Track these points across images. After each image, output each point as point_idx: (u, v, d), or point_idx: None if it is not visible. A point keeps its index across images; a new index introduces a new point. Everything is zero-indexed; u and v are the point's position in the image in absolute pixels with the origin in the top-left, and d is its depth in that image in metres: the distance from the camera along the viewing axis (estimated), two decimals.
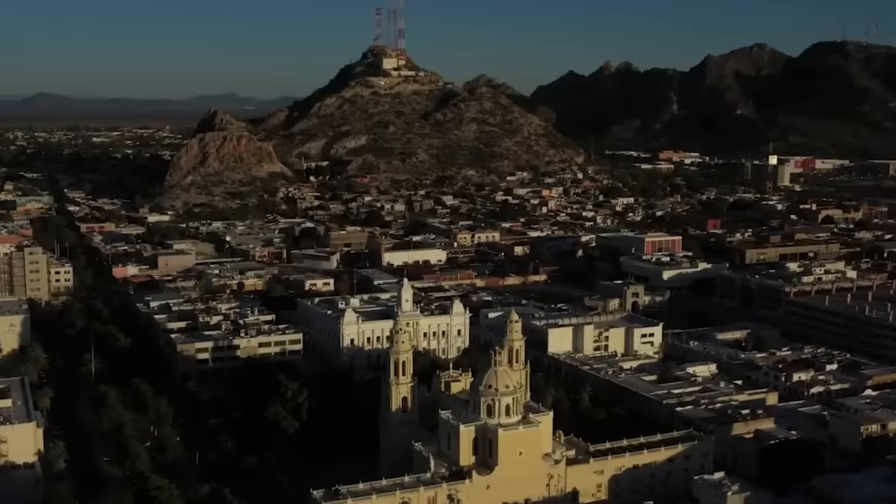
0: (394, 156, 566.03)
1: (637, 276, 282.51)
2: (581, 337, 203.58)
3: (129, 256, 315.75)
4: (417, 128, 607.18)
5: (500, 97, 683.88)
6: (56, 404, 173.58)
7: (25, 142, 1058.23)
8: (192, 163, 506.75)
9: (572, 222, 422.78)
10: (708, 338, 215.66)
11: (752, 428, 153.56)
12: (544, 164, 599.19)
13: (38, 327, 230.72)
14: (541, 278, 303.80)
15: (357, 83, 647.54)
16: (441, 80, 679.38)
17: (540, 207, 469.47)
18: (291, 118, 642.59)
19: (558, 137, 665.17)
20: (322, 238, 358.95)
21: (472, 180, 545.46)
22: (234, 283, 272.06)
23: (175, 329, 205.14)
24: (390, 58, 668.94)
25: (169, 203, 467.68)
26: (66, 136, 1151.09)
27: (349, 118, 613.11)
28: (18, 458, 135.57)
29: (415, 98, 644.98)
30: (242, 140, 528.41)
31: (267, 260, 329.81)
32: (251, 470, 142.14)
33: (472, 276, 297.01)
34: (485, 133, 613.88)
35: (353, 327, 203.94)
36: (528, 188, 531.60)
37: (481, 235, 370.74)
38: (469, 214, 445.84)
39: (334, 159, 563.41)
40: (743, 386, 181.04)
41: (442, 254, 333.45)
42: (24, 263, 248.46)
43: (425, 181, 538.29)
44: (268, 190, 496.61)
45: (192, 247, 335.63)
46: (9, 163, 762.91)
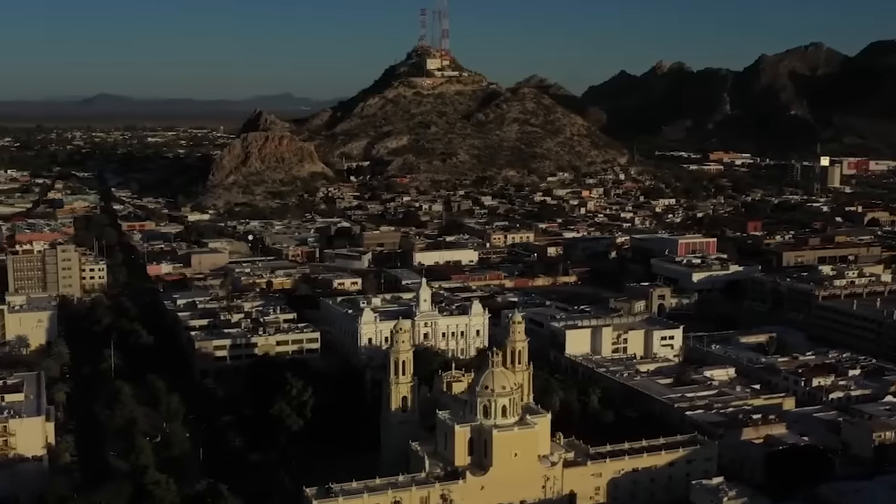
0: (434, 156, 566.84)
1: (667, 278, 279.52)
2: (599, 339, 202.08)
3: (164, 255, 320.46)
4: (459, 128, 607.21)
5: (543, 97, 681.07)
6: (74, 399, 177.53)
7: (82, 141, 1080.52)
8: (234, 162, 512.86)
9: (610, 223, 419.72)
10: (731, 341, 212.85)
11: (762, 433, 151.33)
12: (586, 164, 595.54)
13: (67, 323, 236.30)
14: (571, 279, 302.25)
15: (400, 83, 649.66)
16: (485, 80, 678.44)
17: (578, 208, 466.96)
18: (335, 118, 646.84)
19: (601, 138, 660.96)
20: (356, 238, 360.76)
21: (512, 181, 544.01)
22: (262, 281, 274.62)
23: (196, 327, 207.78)
24: (434, 58, 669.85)
25: (211, 202, 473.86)
26: (122, 136, 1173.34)
27: (391, 118, 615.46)
28: (27, 452, 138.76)
29: (457, 98, 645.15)
30: (284, 140, 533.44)
31: (300, 259, 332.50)
32: (255, 466, 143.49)
33: (501, 277, 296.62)
34: (527, 133, 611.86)
35: (371, 326, 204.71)
36: (569, 189, 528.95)
37: (515, 236, 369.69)
38: (506, 215, 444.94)
39: (375, 159, 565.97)
40: (760, 390, 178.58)
41: (474, 254, 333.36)
42: (56, 261, 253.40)
43: (465, 181, 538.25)
44: (308, 190, 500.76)
45: (226, 246, 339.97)
46: (63, 162, 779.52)
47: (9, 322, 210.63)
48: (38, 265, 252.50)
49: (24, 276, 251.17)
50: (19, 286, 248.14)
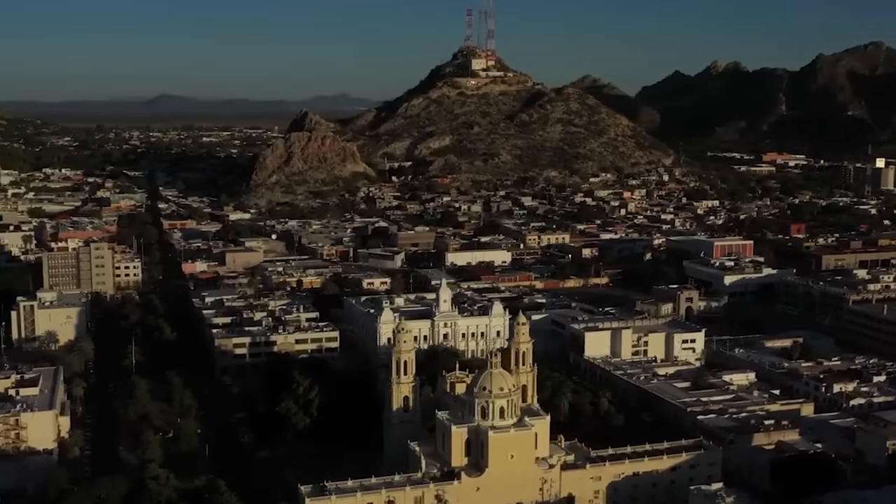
0: (476, 156, 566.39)
1: (699, 280, 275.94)
2: (619, 341, 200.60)
3: (200, 253, 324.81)
4: (502, 128, 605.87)
5: (588, 98, 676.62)
6: (92, 394, 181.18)
7: (139, 141, 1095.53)
8: (277, 162, 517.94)
9: (650, 225, 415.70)
10: (756, 345, 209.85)
11: (773, 439, 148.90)
12: (630, 165, 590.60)
13: (98, 320, 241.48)
14: (602, 281, 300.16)
15: (444, 84, 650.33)
16: (530, 80, 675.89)
17: (619, 210, 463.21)
18: (379, 118, 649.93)
19: (647, 138, 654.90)
20: (391, 238, 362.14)
21: (553, 181, 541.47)
22: (292, 280, 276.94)
23: (220, 324, 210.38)
24: (479, 58, 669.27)
25: (253, 202, 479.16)
26: (178, 136, 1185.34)
27: (435, 119, 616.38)
28: (38, 445, 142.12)
29: (501, 99, 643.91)
30: (327, 140, 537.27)
31: (334, 258, 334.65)
32: (261, 463, 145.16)
33: (532, 278, 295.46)
34: (570, 134, 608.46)
35: (391, 326, 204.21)
36: (611, 190, 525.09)
37: (550, 237, 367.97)
38: (545, 216, 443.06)
39: (418, 159, 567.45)
40: (780, 395, 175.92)
41: (507, 255, 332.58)
42: (90, 258, 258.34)
43: (506, 182, 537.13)
44: (349, 189, 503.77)
45: (261, 245, 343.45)
46: (116, 161, 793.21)
47: (39, 318, 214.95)
48: (72, 262, 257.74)
49: (59, 273, 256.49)
50: (54, 283, 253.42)
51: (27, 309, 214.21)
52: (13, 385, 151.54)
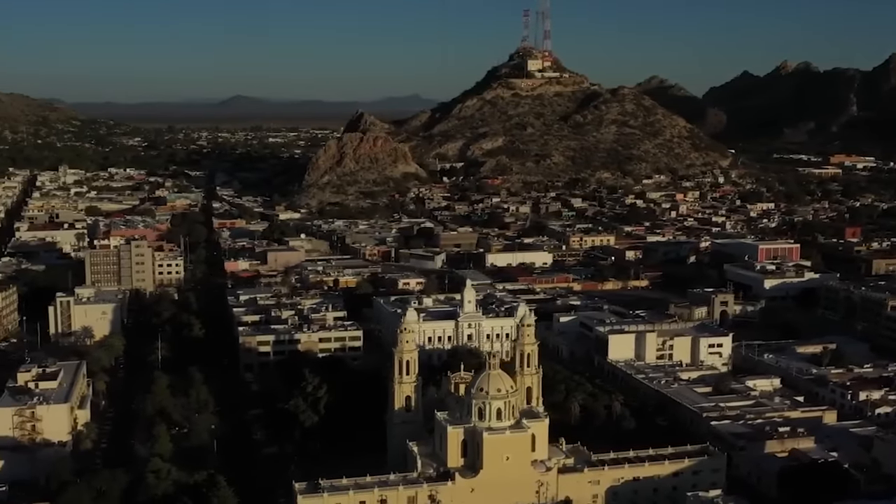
0: (528, 157, 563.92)
1: (739, 284, 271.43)
2: (643, 345, 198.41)
3: (243, 252, 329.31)
4: (556, 129, 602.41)
5: (643, 98, 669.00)
6: (118, 389, 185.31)
7: (206, 142, 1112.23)
8: (329, 163, 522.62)
9: (699, 227, 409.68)
10: (786, 351, 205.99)
11: (787, 447, 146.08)
12: (685, 167, 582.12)
13: (136, 316, 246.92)
14: (642, 284, 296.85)
15: (498, 85, 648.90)
16: (586, 81, 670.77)
17: (669, 212, 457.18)
18: (433, 119, 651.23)
19: (703, 140, 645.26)
20: (433, 238, 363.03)
21: (605, 183, 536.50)
22: (329, 279, 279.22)
23: (248, 322, 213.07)
24: (535, 59, 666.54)
25: (304, 201, 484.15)
26: (246, 137, 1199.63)
27: (488, 119, 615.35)
28: (53, 437, 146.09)
29: (556, 100, 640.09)
30: (379, 141, 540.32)
31: (376, 258, 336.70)
32: (268, 459, 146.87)
33: (570, 280, 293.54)
34: (624, 135, 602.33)
35: (414, 326, 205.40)
36: (663, 192, 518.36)
37: (595, 239, 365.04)
38: (594, 217, 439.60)
39: (470, 160, 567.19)
40: (804, 402, 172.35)
41: (548, 256, 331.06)
42: (130, 256, 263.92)
43: (557, 183, 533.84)
44: (400, 190, 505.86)
45: (306, 244, 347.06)
46: (180, 161, 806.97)
47: (75, 313, 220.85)
48: (113, 260, 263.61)
49: (101, 270, 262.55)
50: (96, 280, 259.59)
51: (64, 305, 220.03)
52: (33, 378, 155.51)
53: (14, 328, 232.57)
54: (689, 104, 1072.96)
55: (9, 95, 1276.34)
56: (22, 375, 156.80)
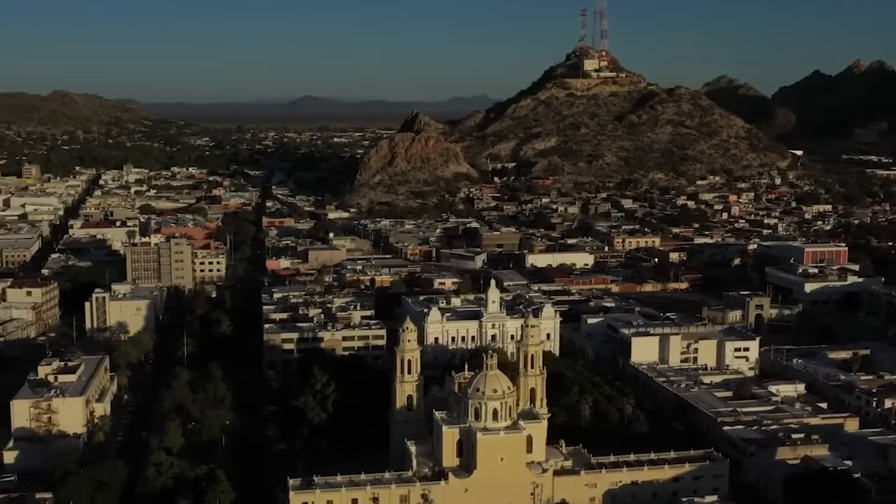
0: (581, 158, 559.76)
1: (780, 287, 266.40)
2: (667, 347, 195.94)
3: (286, 250, 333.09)
4: (610, 130, 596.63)
5: (700, 98, 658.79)
6: (145, 383, 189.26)
7: (271, 141, 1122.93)
8: (381, 163, 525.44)
9: (750, 230, 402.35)
10: (817, 356, 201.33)
11: (799, 453, 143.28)
12: (741, 168, 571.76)
13: (172, 312, 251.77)
14: (681, 286, 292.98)
15: (553, 85, 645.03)
16: (644, 81, 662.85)
17: (721, 213, 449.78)
18: (487, 119, 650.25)
19: (762, 140, 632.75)
20: (476, 238, 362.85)
21: (658, 184, 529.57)
22: (366, 279, 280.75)
23: (277, 320, 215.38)
24: (592, 59, 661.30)
25: (355, 201, 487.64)
26: (311, 137, 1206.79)
27: (542, 120, 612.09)
28: (69, 429, 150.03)
29: (611, 100, 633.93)
30: (430, 141, 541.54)
31: (417, 258, 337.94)
32: (276, 455, 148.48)
33: (608, 281, 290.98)
34: (680, 135, 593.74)
35: (438, 326, 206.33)
36: (717, 193, 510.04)
37: (640, 240, 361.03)
38: (643, 218, 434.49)
39: (522, 160, 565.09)
40: (828, 409, 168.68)
41: (589, 258, 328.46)
42: (170, 253, 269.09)
43: (608, 184, 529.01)
44: (450, 190, 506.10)
45: (349, 243, 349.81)
46: (243, 161, 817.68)
47: (111, 309, 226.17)
48: (153, 257, 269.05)
49: (141, 267, 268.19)
50: (136, 276, 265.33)
51: (99, 301, 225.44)
52: (53, 372, 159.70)
53: (55, 322, 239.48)
54: (757, 104, 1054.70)
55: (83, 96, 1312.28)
56: (42, 368, 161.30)
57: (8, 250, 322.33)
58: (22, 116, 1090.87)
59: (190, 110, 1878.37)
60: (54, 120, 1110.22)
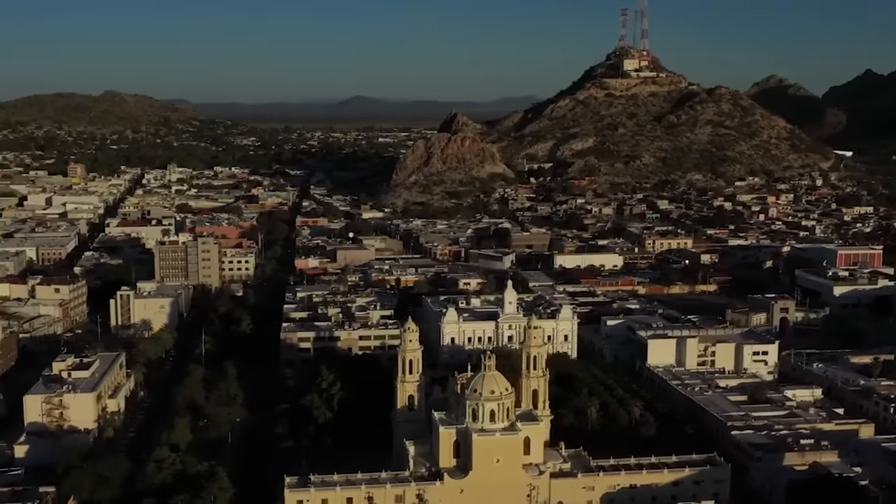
0: (618, 158, 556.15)
1: (808, 290, 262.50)
2: (684, 350, 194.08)
3: (316, 249, 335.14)
4: (648, 130, 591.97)
5: (741, 98, 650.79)
6: (161, 379, 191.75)
7: (316, 141, 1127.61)
8: (416, 163, 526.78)
9: (786, 231, 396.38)
10: (839, 360, 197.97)
11: (808, 459, 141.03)
12: (781, 169, 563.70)
13: (198, 310, 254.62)
14: (710, 288, 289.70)
15: (592, 85, 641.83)
16: (684, 81, 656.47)
17: (758, 215, 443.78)
18: (525, 120, 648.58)
19: (804, 141, 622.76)
20: (506, 238, 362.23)
21: (695, 185, 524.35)
22: (391, 278, 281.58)
23: (296, 318, 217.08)
24: (632, 59, 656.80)
25: (390, 201, 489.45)
26: (356, 137, 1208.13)
27: (580, 120, 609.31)
28: (80, 424, 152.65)
29: (651, 100, 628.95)
30: (466, 141, 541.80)
31: (446, 258, 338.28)
32: (282, 453, 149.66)
33: (634, 283, 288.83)
34: (719, 136, 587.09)
35: (454, 326, 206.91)
36: (755, 194, 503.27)
37: (672, 242, 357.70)
38: (678, 220, 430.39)
39: (559, 161, 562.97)
40: (845, 414, 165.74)
41: (618, 259, 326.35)
42: (196, 252, 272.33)
43: (645, 185, 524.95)
44: (485, 190, 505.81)
45: (379, 243, 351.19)
46: (285, 161, 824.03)
47: (135, 306, 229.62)
48: (181, 256, 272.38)
49: (168, 266, 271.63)
50: (164, 274, 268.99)
51: (124, 298, 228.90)
52: (67, 368, 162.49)
53: (82, 319, 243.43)
54: (807, 104, 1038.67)
55: (134, 96, 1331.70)
56: (57, 364, 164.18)
57: (44, 248, 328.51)
58: (73, 117, 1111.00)
59: (241, 110, 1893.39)
60: (104, 120, 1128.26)
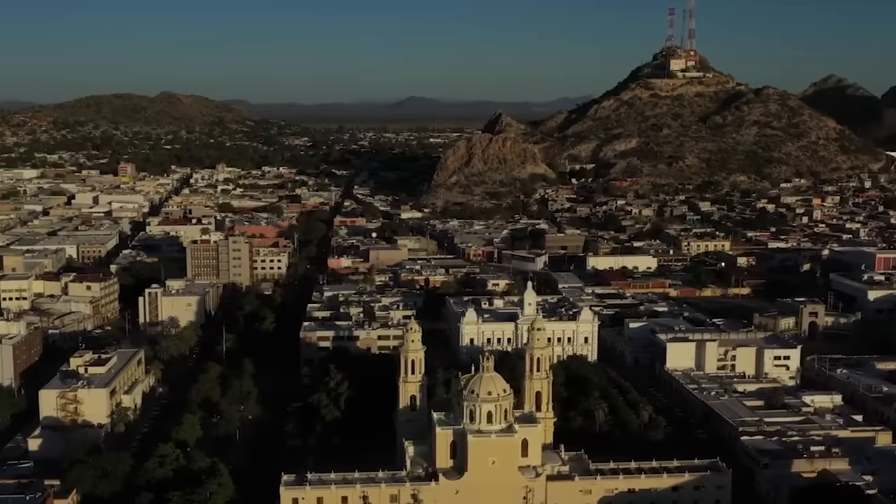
0: (661, 159, 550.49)
1: (843, 295, 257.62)
2: (703, 354, 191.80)
3: (350, 249, 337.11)
4: (693, 131, 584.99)
5: (789, 99, 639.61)
6: (182, 376, 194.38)
7: (368, 141, 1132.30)
8: (458, 163, 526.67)
9: (830, 234, 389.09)
10: (864, 366, 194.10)
11: (816, 467, 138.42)
12: (829, 171, 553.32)
13: (226, 309, 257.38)
14: (743, 291, 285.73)
15: (637, 85, 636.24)
16: (732, 81, 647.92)
17: (801, 217, 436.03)
18: (569, 120, 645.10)
19: (854, 142, 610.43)
20: (540, 239, 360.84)
21: (739, 186, 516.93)
22: (420, 279, 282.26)
23: (318, 317, 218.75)
24: (679, 59, 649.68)
25: (430, 201, 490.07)
26: (407, 138, 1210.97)
27: (624, 121, 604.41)
28: (93, 419, 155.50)
29: (696, 100, 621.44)
30: (508, 142, 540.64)
31: (480, 259, 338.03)
32: (289, 451, 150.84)
33: (666, 285, 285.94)
34: (765, 137, 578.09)
35: (473, 327, 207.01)
36: (801, 196, 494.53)
37: (709, 244, 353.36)
38: (719, 222, 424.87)
39: (601, 162, 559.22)
40: (864, 421, 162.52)
41: (653, 261, 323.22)
42: (228, 251, 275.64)
43: (688, 186, 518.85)
44: (526, 191, 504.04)
45: (412, 243, 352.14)
46: (334, 161, 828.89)
47: (163, 304, 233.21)
48: (212, 255, 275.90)
49: (200, 265, 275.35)
50: (196, 273, 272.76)
51: (152, 296, 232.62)
52: (84, 364, 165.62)
53: (114, 316, 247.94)
54: (865, 104, 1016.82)
55: (190, 97, 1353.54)
56: (74, 360, 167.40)
57: (84, 246, 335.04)
58: (129, 117, 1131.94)
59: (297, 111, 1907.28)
60: (159, 120, 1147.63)
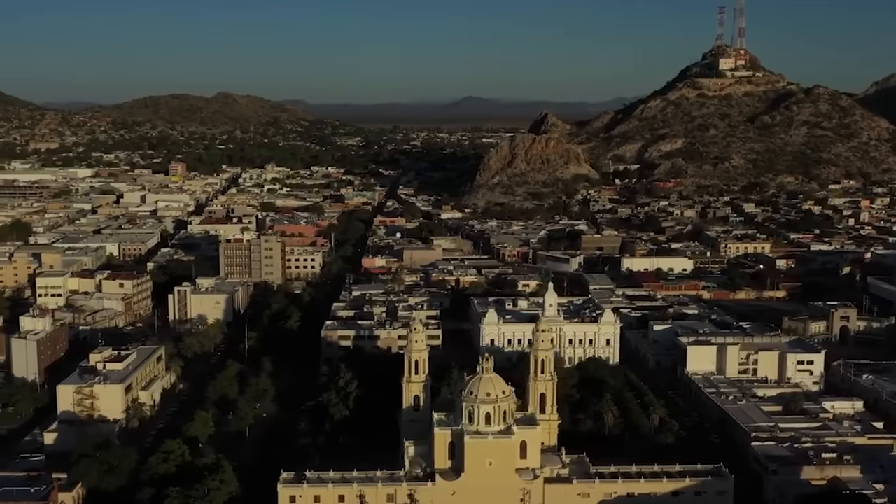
0: (706, 160, 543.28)
1: (881, 299, 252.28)
2: (724, 358, 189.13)
3: (384, 249, 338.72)
4: (741, 131, 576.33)
5: (840, 98, 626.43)
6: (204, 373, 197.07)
7: (420, 141, 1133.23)
8: (500, 163, 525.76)
9: (876, 237, 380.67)
10: (892, 372, 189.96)
11: (827, 474, 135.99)
12: (880, 172, 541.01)
13: (256, 307, 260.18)
14: (778, 294, 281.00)
15: (684, 85, 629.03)
16: (783, 80, 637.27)
17: (848, 219, 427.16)
18: (615, 120, 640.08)
19: None
20: (576, 240, 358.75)
21: (786, 188, 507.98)
22: (451, 279, 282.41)
23: (342, 316, 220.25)
24: (728, 58, 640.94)
25: (472, 201, 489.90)
26: (461, 137, 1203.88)
27: (670, 121, 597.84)
28: (109, 414, 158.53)
29: (745, 100, 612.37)
30: (551, 142, 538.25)
31: (514, 259, 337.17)
32: (298, 449, 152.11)
33: (699, 288, 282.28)
34: (815, 137, 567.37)
35: (494, 328, 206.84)
36: (849, 198, 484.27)
37: (748, 246, 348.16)
38: (763, 223, 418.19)
39: (646, 162, 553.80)
40: (884, 428, 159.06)
41: (688, 263, 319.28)
42: (260, 250, 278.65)
43: (733, 187, 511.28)
44: (568, 191, 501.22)
45: (448, 243, 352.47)
46: (383, 161, 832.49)
47: (192, 302, 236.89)
48: (245, 253, 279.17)
49: (233, 263, 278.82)
50: (229, 271, 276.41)
51: (181, 294, 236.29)
52: (103, 360, 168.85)
53: (146, 313, 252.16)
54: None
55: (245, 97, 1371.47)
56: (93, 356, 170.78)
57: (126, 244, 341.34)
58: (186, 117, 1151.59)
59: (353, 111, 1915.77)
60: (215, 120, 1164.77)
